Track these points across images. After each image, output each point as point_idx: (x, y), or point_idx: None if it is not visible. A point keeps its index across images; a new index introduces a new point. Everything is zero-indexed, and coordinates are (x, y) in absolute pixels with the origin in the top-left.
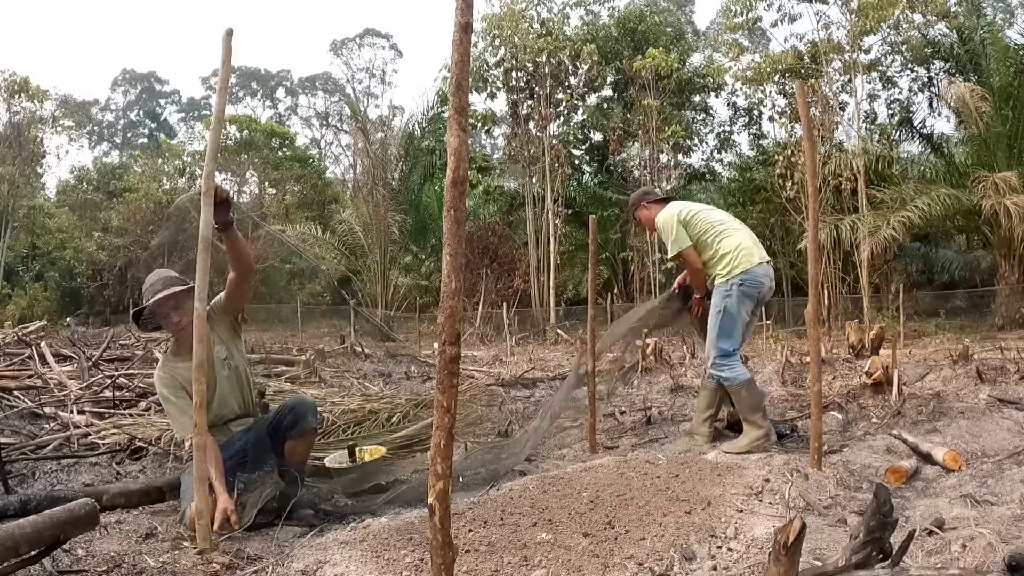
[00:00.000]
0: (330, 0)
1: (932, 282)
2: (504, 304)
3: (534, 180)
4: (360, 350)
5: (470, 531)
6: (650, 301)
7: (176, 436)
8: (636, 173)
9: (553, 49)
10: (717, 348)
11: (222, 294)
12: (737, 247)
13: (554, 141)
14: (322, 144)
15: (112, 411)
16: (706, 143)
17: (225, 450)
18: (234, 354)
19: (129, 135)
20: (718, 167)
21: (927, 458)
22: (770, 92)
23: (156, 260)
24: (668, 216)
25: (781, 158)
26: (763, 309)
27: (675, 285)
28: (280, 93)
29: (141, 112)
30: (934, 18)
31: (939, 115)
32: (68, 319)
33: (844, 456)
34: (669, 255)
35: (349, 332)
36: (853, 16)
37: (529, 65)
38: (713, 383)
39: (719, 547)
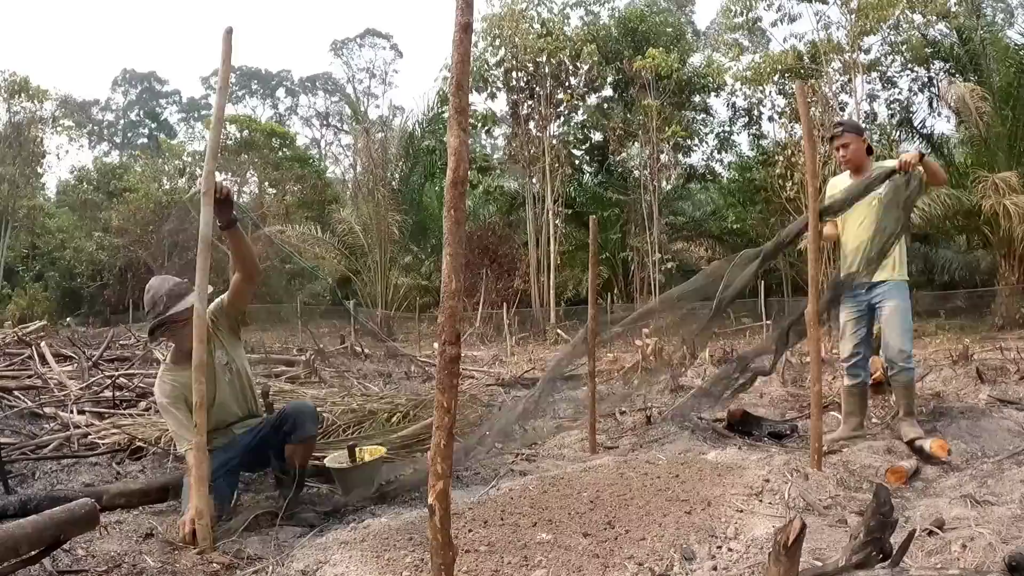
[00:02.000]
0: (330, 0)
1: (932, 282)
2: (504, 304)
3: (534, 180)
4: (360, 350)
5: (470, 531)
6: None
7: (177, 450)
8: (636, 173)
9: (553, 49)
10: (909, 346)
11: (224, 296)
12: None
13: (554, 141)
14: (322, 144)
15: (112, 411)
16: (706, 143)
17: (226, 451)
18: (235, 358)
19: (129, 135)
20: (718, 167)
21: (919, 451)
22: (770, 92)
23: (156, 260)
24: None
25: (781, 158)
26: (763, 309)
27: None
28: (280, 93)
29: (141, 112)
30: (934, 18)
31: (939, 115)
32: (68, 319)
33: (844, 456)
34: (875, 194)
35: (349, 332)
36: (853, 16)
37: (529, 65)
38: (907, 378)
39: (719, 547)
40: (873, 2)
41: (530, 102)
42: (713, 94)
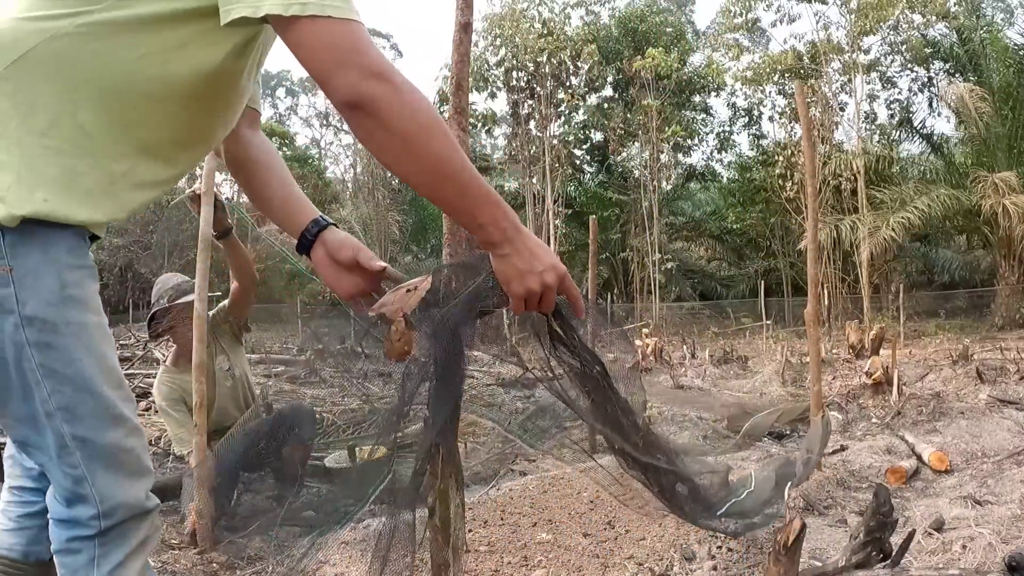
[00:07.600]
0: None
1: (932, 282)
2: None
3: (534, 180)
4: (360, 350)
5: (470, 531)
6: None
7: (175, 450)
8: (636, 173)
9: (554, 49)
10: None
11: (225, 303)
12: None
13: (554, 141)
14: (322, 144)
15: None
16: (706, 143)
17: (225, 452)
18: (236, 364)
19: None
20: (718, 167)
21: (920, 458)
22: (770, 92)
23: (156, 260)
24: None
25: (781, 158)
26: (763, 309)
27: None
28: (280, 93)
29: None
30: (934, 18)
31: (939, 115)
32: None
33: (844, 456)
34: None
35: (349, 332)
36: (852, 16)
37: (530, 65)
38: None
39: (719, 547)
40: (873, 2)
41: (530, 102)
42: (713, 94)
